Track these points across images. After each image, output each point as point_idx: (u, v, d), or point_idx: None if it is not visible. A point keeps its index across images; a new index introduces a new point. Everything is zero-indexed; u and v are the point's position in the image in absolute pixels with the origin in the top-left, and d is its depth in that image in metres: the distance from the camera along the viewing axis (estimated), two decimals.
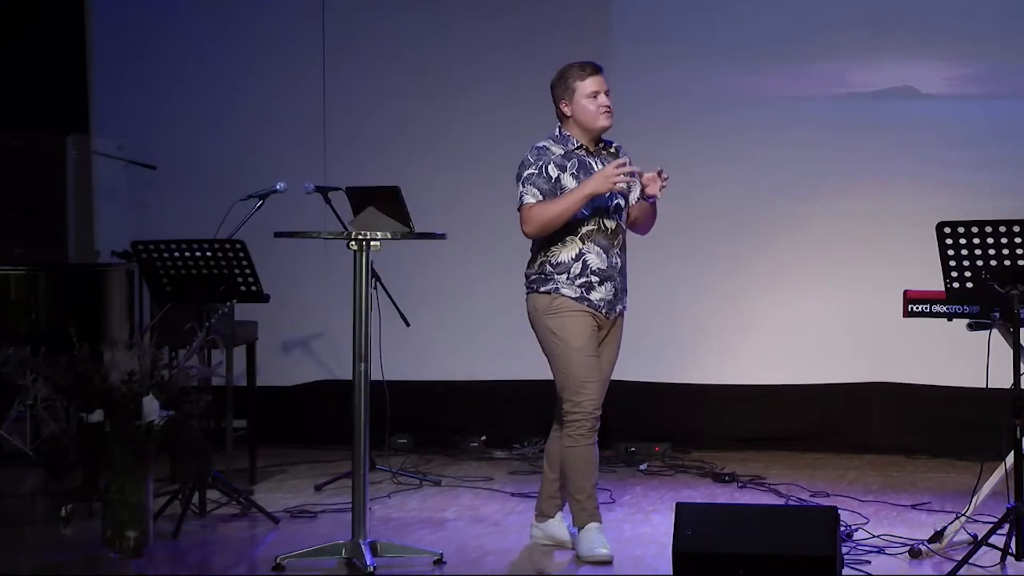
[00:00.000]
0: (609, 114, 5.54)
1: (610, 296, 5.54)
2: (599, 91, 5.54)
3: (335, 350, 8.26)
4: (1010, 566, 5.27)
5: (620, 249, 5.58)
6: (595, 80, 5.54)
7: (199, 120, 8.46)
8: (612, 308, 5.55)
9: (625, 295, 5.63)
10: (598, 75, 5.56)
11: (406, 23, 8.37)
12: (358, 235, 5.37)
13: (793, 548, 4.85)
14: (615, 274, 5.55)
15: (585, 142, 5.58)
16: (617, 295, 5.57)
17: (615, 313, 5.57)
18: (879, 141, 7.91)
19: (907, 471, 7.48)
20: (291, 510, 6.42)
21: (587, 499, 5.56)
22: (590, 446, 5.52)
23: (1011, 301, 5.25)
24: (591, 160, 5.57)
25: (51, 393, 5.65)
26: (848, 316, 7.88)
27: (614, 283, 5.54)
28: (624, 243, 5.61)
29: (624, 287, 5.61)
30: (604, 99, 5.54)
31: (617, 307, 5.58)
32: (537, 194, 5.53)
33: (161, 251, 6.35)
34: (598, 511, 5.60)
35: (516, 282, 7.11)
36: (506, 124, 8.14)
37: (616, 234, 5.56)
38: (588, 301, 5.51)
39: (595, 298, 5.51)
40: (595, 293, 5.51)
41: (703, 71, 8.04)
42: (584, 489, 5.55)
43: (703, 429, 8.07)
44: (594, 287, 5.51)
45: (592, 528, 5.55)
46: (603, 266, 5.52)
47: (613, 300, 5.55)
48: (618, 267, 5.56)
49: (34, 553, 5.78)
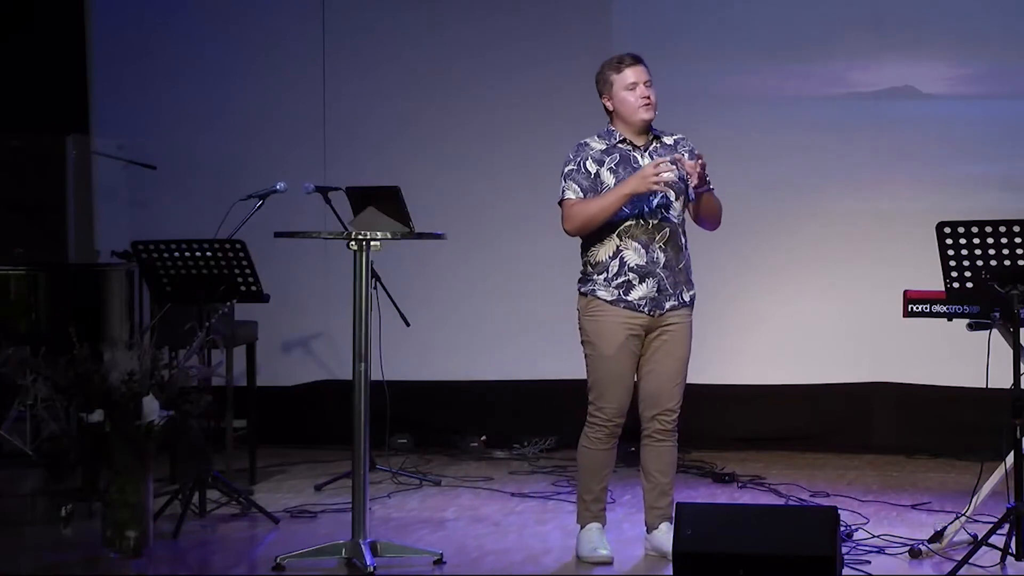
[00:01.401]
0: (649, 106, 5.41)
1: (653, 293, 5.39)
2: (638, 82, 5.40)
3: (335, 350, 8.26)
4: (1010, 566, 5.27)
5: (666, 243, 5.40)
6: (634, 71, 5.41)
7: (199, 120, 8.46)
8: (658, 305, 5.40)
9: (681, 291, 5.44)
10: (637, 66, 5.43)
11: (406, 23, 8.37)
12: (358, 235, 5.37)
13: (793, 548, 4.85)
14: (657, 269, 5.38)
15: (630, 136, 5.47)
16: (664, 292, 5.40)
17: (662, 310, 5.41)
18: (879, 141, 7.91)
19: (907, 471, 7.47)
20: (291, 510, 6.42)
21: (593, 501, 5.57)
22: (606, 451, 5.51)
23: (1011, 301, 5.24)
24: (636, 154, 5.46)
25: (51, 393, 5.64)
26: (848, 316, 7.88)
27: (657, 279, 5.39)
28: (675, 237, 5.42)
29: (677, 282, 5.42)
30: (644, 90, 5.40)
31: (666, 304, 5.40)
32: (577, 190, 5.43)
33: (161, 251, 6.35)
34: (603, 513, 5.60)
35: (516, 282, 7.13)
36: (506, 124, 8.15)
37: (659, 228, 5.39)
38: (626, 302, 5.40)
39: (634, 297, 5.39)
40: (635, 292, 5.40)
41: (703, 71, 8.04)
42: (592, 491, 5.55)
43: (703, 429, 8.04)
44: (634, 286, 5.40)
45: (593, 528, 5.55)
46: (642, 262, 5.38)
47: (658, 297, 5.39)
48: (661, 262, 5.39)
49: (34, 553, 5.79)
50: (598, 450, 5.51)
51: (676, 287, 5.45)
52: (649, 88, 5.43)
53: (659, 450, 5.53)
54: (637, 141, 5.49)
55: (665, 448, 5.53)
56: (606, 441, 5.49)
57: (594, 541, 5.51)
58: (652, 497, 5.57)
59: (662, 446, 5.53)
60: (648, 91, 5.42)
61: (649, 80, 5.44)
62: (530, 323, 8.07)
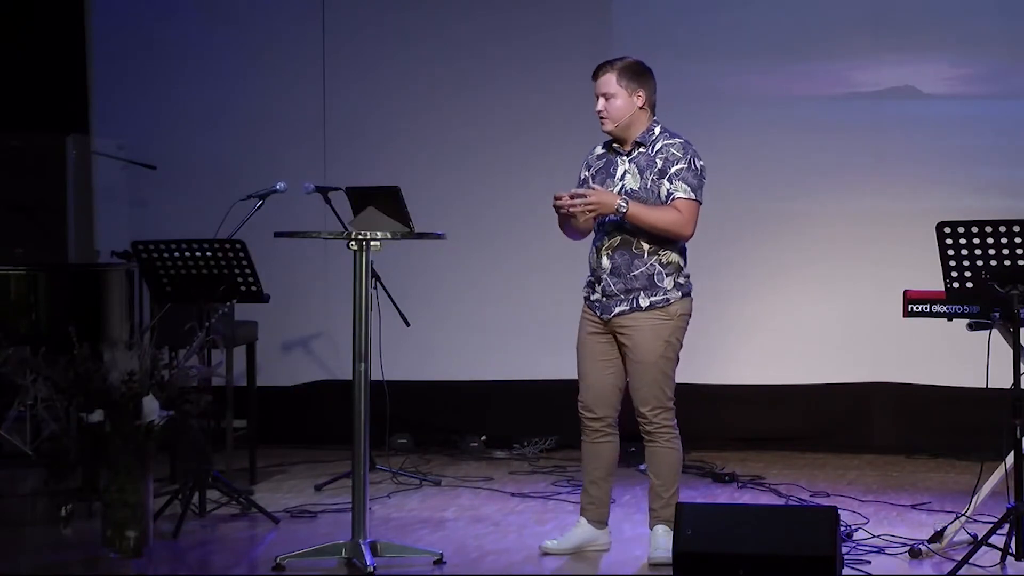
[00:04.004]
0: (603, 121, 5.47)
1: (601, 297, 5.50)
2: (596, 95, 5.49)
3: (335, 350, 8.26)
4: (1010, 566, 5.27)
5: (614, 251, 5.45)
6: (594, 84, 5.51)
7: (199, 120, 8.46)
8: (605, 310, 5.48)
9: (636, 296, 5.43)
10: (595, 78, 5.50)
11: (406, 23, 8.36)
12: (358, 235, 5.37)
13: (793, 548, 4.85)
14: (604, 275, 5.47)
15: (618, 141, 5.54)
16: (610, 297, 5.47)
17: (609, 315, 5.47)
18: (879, 141, 7.91)
19: (907, 471, 7.47)
20: (291, 510, 6.42)
21: (583, 492, 5.70)
22: (589, 444, 5.61)
23: (1011, 301, 5.24)
24: (618, 159, 5.53)
25: (51, 393, 5.64)
26: (848, 316, 7.88)
27: (603, 284, 5.48)
28: (627, 244, 5.44)
29: (629, 288, 5.43)
30: (599, 104, 5.48)
31: (613, 309, 5.46)
32: None
33: (161, 251, 6.35)
34: (591, 507, 5.65)
35: (516, 282, 7.13)
36: (506, 124, 8.15)
37: (611, 235, 5.46)
38: (589, 302, 5.57)
39: (593, 299, 5.54)
40: (594, 294, 5.54)
41: (703, 71, 8.04)
42: (584, 482, 5.69)
43: (703, 429, 8.05)
44: (593, 287, 5.55)
45: (579, 522, 5.69)
46: (595, 266, 5.53)
47: (605, 302, 5.48)
48: (608, 268, 5.46)
49: (34, 553, 5.79)
50: (584, 443, 5.65)
51: (628, 293, 5.46)
52: (608, 101, 5.45)
53: (648, 449, 5.57)
54: (622, 148, 5.55)
55: (652, 448, 5.54)
56: (587, 434, 5.62)
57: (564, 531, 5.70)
58: (649, 498, 5.62)
59: (650, 446, 5.55)
60: (604, 105, 5.46)
61: (608, 92, 5.46)
62: (530, 323, 8.07)
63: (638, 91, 5.47)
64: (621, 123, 5.47)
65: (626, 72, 5.47)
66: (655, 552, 5.46)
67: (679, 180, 5.43)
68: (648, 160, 5.47)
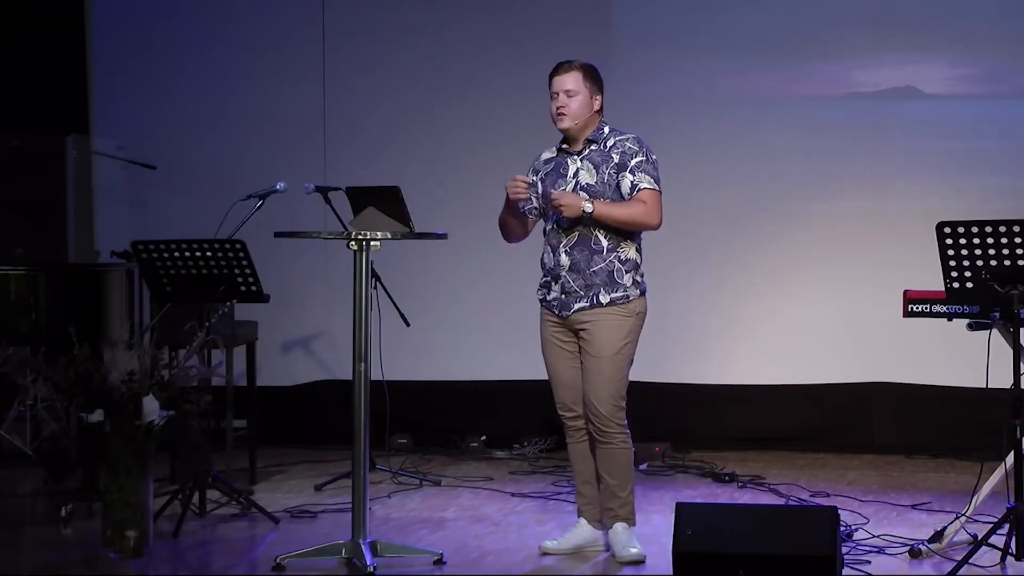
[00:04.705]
0: (563, 116, 5.45)
1: (559, 295, 5.49)
2: (558, 91, 5.46)
3: (335, 350, 8.25)
4: (1010, 566, 5.27)
5: (572, 247, 5.45)
6: (556, 80, 5.47)
7: (199, 120, 8.47)
8: (564, 307, 5.48)
9: (596, 293, 5.43)
10: (559, 75, 5.47)
11: (406, 23, 8.37)
12: (358, 235, 5.37)
13: (793, 548, 4.85)
14: (562, 272, 5.47)
15: (568, 142, 5.55)
16: (570, 294, 5.46)
17: (568, 311, 5.47)
18: (879, 141, 7.91)
19: (907, 471, 7.47)
20: (291, 510, 6.42)
21: (577, 494, 5.70)
22: (573, 444, 5.64)
23: (1011, 301, 5.24)
24: (568, 160, 5.53)
25: (51, 393, 5.65)
26: (848, 316, 7.88)
27: (561, 282, 5.47)
28: (585, 240, 5.43)
29: (589, 284, 5.43)
30: (561, 99, 5.44)
31: (573, 305, 5.46)
32: (531, 202, 5.60)
33: (161, 251, 6.35)
34: (587, 507, 5.65)
35: (515, 282, 7.10)
36: (506, 124, 8.14)
37: (568, 232, 5.45)
38: (546, 303, 5.58)
39: (550, 298, 5.55)
40: (550, 293, 5.55)
41: (703, 71, 8.04)
42: (576, 483, 5.70)
43: (703, 429, 8.07)
44: (549, 287, 5.55)
45: (579, 523, 5.68)
46: (551, 265, 5.52)
47: (564, 299, 5.48)
48: (567, 265, 5.45)
49: (34, 553, 5.79)
50: (569, 444, 5.67)
51: (588, 289, 5.46)
52: (570, 98, 5.43)
53: (599, 451, 5.54)
54: (572, 147, 5.53)
55: (603, 450, 5.51)
56: (570, 435, 5.64)
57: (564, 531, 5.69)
58: (603, 497, 5.60)
59: (601, 447, 5.52)
60: (566, 101, 5.43)
61: (570, 89, 5.43)
62: (530, 323, 8.02)
63: (597, 95, 5.51)
64: (579, 122, 5.47)
65: (590, 74, 5.50)
66: (624, 550, 5.46)
67: (641, 172, 5.44)
68: (602, 155, 5.48)
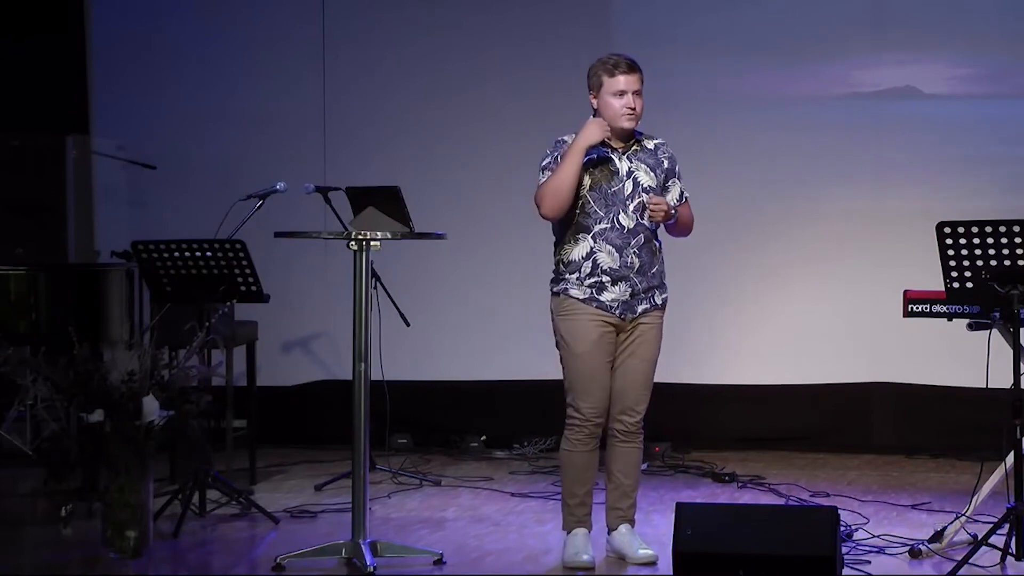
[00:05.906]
0: (632, 116, 5.34)
1: (625, 297, 5.35)
2: (627, 91, 5.32)
3: (335, 350, 8.26)
4: (1010, 566, 5.27)
5: (640, 248, 5.36)
6: (627, 79, 5.33)
7: (199, 120, 8.47)
8: (629, 309, 5.37)
9: (653, 294, 5.40)
10: (631, 74, 5.34)
11: (406, 23, 8.37)
12: (358, 235, 5.37)
13: (793, 548, 4.85)
14: (630, 274, 5.34)
15: (614, 139, 5.41)
16: (636, 296, 5.37)
17: (633, 314, 5.37)
18: (879, 141, 7.91)
19: (907, 471, 7.47)
20: (291, 510, 6.42)
21: (578, 505, 5.51)
22: (587, 452, 5.45)
23: (1011, 301, 5.24)
24: (615, 157, 5.39)
25: (51, 393, 5.64)
26: (848, 316, 7.88)
27: (630, 283, 5.35)
28: (649, 243, 5.39)
29: (650, 287, 5.39)
30: (630, 100, 5.32)
31: (638, 308, 5.37)
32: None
33: (161, 251, 6.34)
34: (588, 518, 5.53)
35: (515, 282, 7.12)
36: (506, 124, 8.15)
37: (634, 233, 5.36)
38: (598, 302, 5.36)
39: (607, 299, 5.35)
40: (607, 294, 5.35)
41: (703, 72, 8.04)
42: (576, 495, 5.50)
43: (703, 429, 8.07)
44: (606, 287, 5.35)
45: (579, 534, 5.49)
46: (615, 265, 5.34)
47: (630, 301, 5.36)
48: (635, 267, 5.35)
49: (34, 553, 5.79)
50: (578, 452, 5.45)
51: (648, 291, 5.41)
52: (637, 98, 5.36)
53: (621, 450, 5.49)
54: (616, 144, 5.43)
55: (628, 449, 5.49)
56: (586, 442, 5.44)
57: (577, 546, 5.45)
58: (613, 498, 5.53)
59: (625, 447, 5.49)
60: (635, 101, 5.35)
61: (639, 90, 5.36)
62: (530, 323, 8.03)
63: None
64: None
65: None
66: (638, 551, 5.43)
67: (682, 181, 5.48)
68: (654, 159, 5.43)
